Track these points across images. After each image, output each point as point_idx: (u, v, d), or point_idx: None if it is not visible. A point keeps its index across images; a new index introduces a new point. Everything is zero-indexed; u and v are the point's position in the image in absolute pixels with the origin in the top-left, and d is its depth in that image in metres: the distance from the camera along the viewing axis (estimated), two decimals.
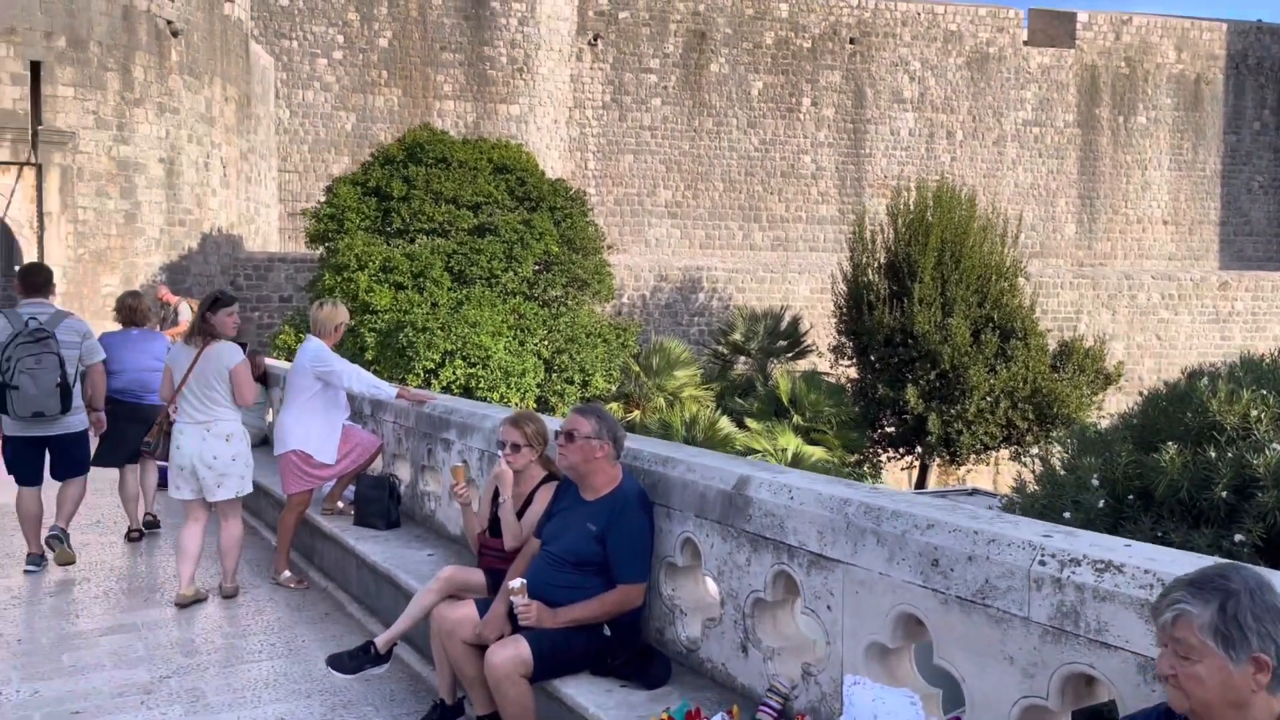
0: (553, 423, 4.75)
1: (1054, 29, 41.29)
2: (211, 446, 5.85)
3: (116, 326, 8.07)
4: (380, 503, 6.35)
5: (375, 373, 19.87)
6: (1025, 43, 40.31)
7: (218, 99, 25.32)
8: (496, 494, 4.61)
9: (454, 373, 18.97)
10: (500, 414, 5.72)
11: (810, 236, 36.79)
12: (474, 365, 19.11)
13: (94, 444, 7.36)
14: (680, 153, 35.52)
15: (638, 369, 23.05)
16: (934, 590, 2.79)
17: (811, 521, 3.23)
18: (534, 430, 4.51)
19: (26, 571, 6.76)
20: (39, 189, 20.75)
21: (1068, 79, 40.26)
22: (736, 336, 26.01)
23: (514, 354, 19.59)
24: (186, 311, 16.66)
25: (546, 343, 20.68)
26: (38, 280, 6.86)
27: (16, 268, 21.87)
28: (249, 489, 6.16)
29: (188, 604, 5.88)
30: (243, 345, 6.23)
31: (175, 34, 23.16)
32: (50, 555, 6.78)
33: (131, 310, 7.94)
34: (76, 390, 6.75)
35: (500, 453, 4.54)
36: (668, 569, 3.99)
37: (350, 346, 19.55)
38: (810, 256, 35.63)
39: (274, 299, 26.94)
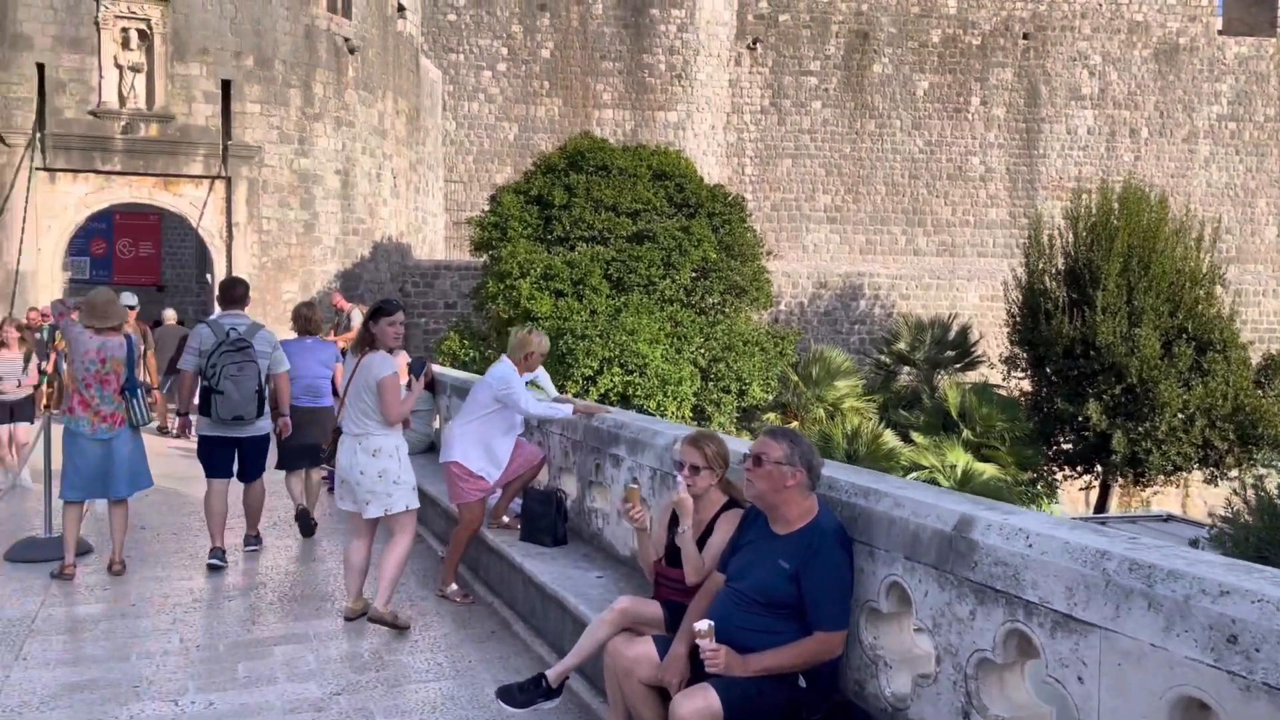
0: (738, 444, 4.39)
1: (1252, 17, 38.05)
2: (359, 461, 5.58)
3: (292, 333, 8.54)
4: (547, 518, 6.15)
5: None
6: (1220, 32, 37.29)
7: (389, 112, 26.27)
8: (674, 519, 4.29)
9: (611, 380, 18.92)
10: (673, 431, 5.40)
11: (978, 241, 35.12)
12: (631, 373, 19.00)
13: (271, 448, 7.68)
14: (840, 156, 34.58)
15: (796, 379, 22.44)
16: (1231, 673, 2.27)
17: (1057, 575, 2.74)
18: (715, 451, 4.16)
19: (210, 566, 7.05)
20: (228, 201, 21.99)
21: (1268, 70, 37.00)
22: (901, 346, 25.00)
23: (671, 362, 19.38)
24: (358, 318, 17.23)
25: (703, 351, 20.38)
26: (236, 294, 7.43)
27: (208, 275, 23.28)
28: (399, 508, 5.64)
29: (355, 618, 5.81)
30: (419, 358, 6.08)
31: (352, 51, 24.15)
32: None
33: (306, 320, 8.47)
34: (266, 396, 7.31)
35: (677, 475, 4.22)
36: (869, 615, 3.56)
37: None
38: (978, 262, 34.01)
39: (439, 305, 27.72)
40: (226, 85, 21.78)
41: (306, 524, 8.20)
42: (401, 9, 27.06)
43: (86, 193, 21.12)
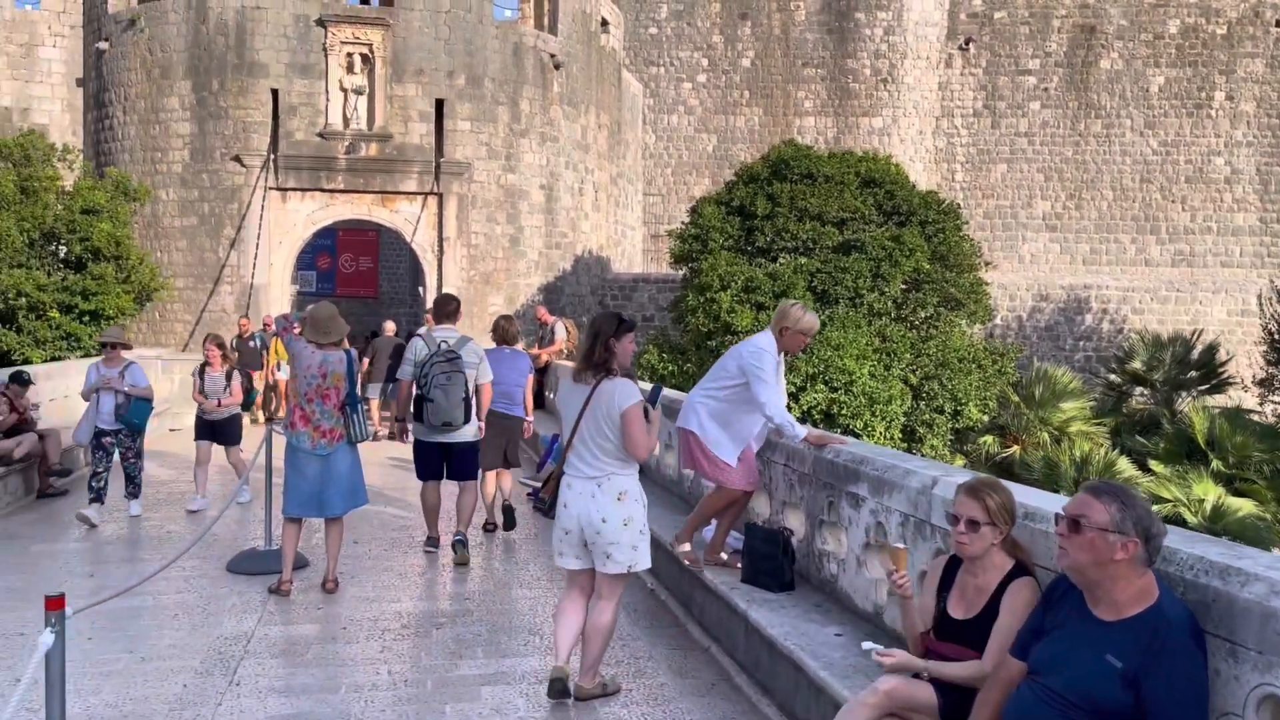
0: (1033, 496, 3.64)
1: None
2: (601, 506, 4.71)
3: (491, 343, 9.10)
4: (774, 559, 5.53)
5: None
6: None
7: (592, 126, 26.48)
8: (944, 581, 3.59)
9: (815, 397, 18.08)
10: (929, 471, 4.67)
11: (1222, 250, 31.77)
12: (836, 390, 18.10)
13: None
14: (1062, 160, 32.18)
15: (1017, 399, 20.80)
16: None
17: None
18: (999, 504, 3.43)
19: (426, 551, 7.96)
20: (439, 216, 22.70)
21: None
22: (1136, 365, 22.76)
23: (879, 379, 18.34)
24: (562, 331, 17.23)
25: (914, 368, 19.20)
26: (448, 310, 8.07)
27: (420, 287, 24.16)
28: (644, 564, 4.85)
29: (561, 685, 4.86)
30: (656, 383, 5.55)
31: (557, 66, 24.47)
32: (452, 556, 7.74)
33: (504, 331, 9.09)
34: (473, 404, 7.81)
35: (951, 530, 3.52)
36: None
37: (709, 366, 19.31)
38: (1223, 273, 30.74)
39: (638, 319, 27.68)
40: (440, 104, 22.50)
41: (510, 518, 8.73)
42: (605, 24, 27.27)
43: (313, 210, 22.32)
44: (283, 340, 7.19)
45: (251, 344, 18.03)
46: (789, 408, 17.69)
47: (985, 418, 19.87)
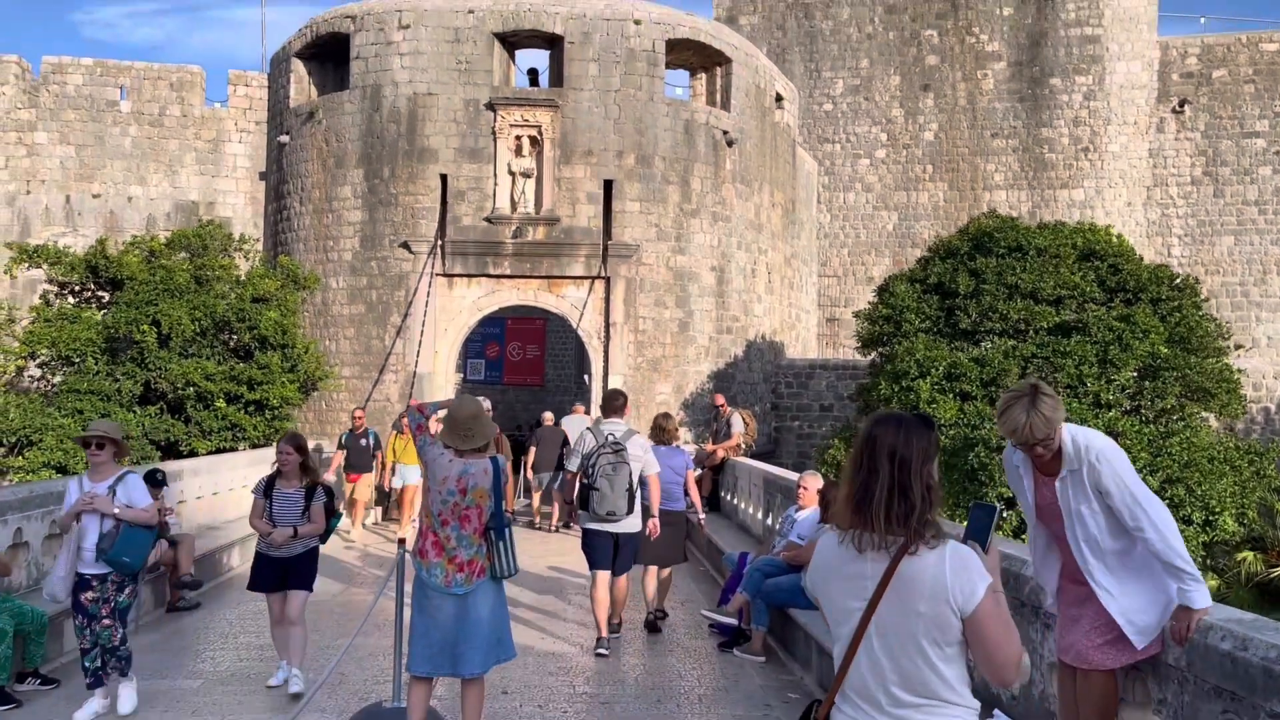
0: None
1: None
2: None
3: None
4: None
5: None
6: None
7: (765, 205, 25.04)
8: None
9: None
10: None
11: None
12: None
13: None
14: None
15: None
16: None
17: None
18: None
19: (597, 655, 7.83)
20: (606, 300, 21.57)
21: None
22: None
23: None
24: (739, 424, 15.47)
25: (1154, 469, 16.32)
26: (615, 404, 8.44)
27: (585, 375, 23.03)
28: None
29: None
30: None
31: (730, 143, 23.26)
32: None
33: (662, 430, 9.37)
34: (638, 495, 8.03)
35: None
36: None
37: None
38: None
39: (814, 408, 25.63)
40: (608, 185, 21.59)
41: (654, 626, 8.78)
42: (779, 99, 26.01)
43: (479, 296, 21.64)
44: (415, 441, 5.66)
45: (363, 441, 15.31)
46: (1005, 518, 15.08)
47: (1243, 530, 16.68)
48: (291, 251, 22.65)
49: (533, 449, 17.13)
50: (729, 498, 14.34)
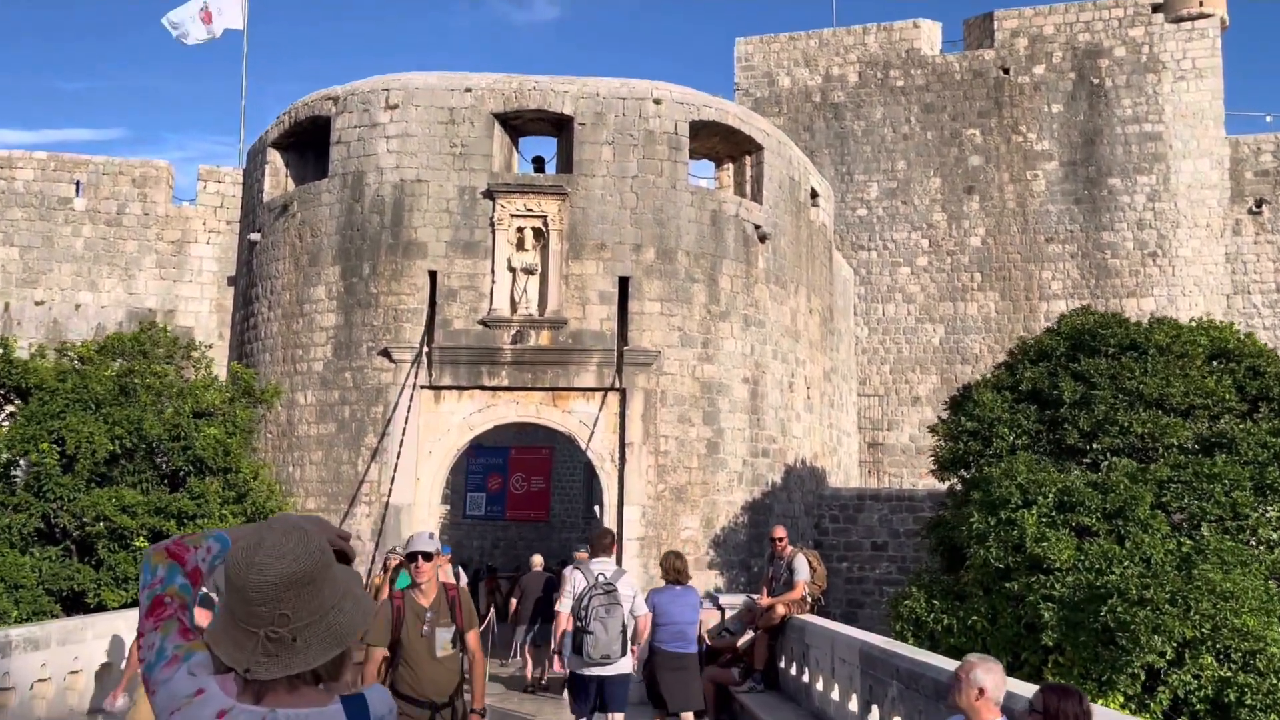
0: None
1: None
2: None
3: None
4: None
5: (1055, 675, 13.18)
6: None
7: (802, 311, 21.89)
8: None
9: (1198, 675, 11.61)
10: None
11: None
12: (1234, 664, 11.59)
13: None
14: None
15: None
16: None
17: None
18: None
19: None
20: (622, 416, 18.15)
21: None
22: None
23: None
24: (804, 568, 11.75)
25: None
26: (604, 543, 8.44)
27: (596, 506, 19.42)
28: None
29: None
30: None
31: (763, 239, 20.28)
32: None
33: (676, 570, 9.09)
34: (629, 636, 7.98)
35: None
36: None
37: (1010, 620, 13.20)
38: None
39: (865, 546, 21.78)
40: (624, 283, 18.51)
41: None
42: (814, 195, 23.23)
43: (471, 412, 18.25)
44: (139, 650, 2.11)
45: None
46: (1153, 693, 11.15)
47: None
48: (257, 364, 19.42)
49: (514, 600, 14.65)
50: (793, 671, 10.51)
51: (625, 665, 7.94)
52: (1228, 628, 11.46)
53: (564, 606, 8.12)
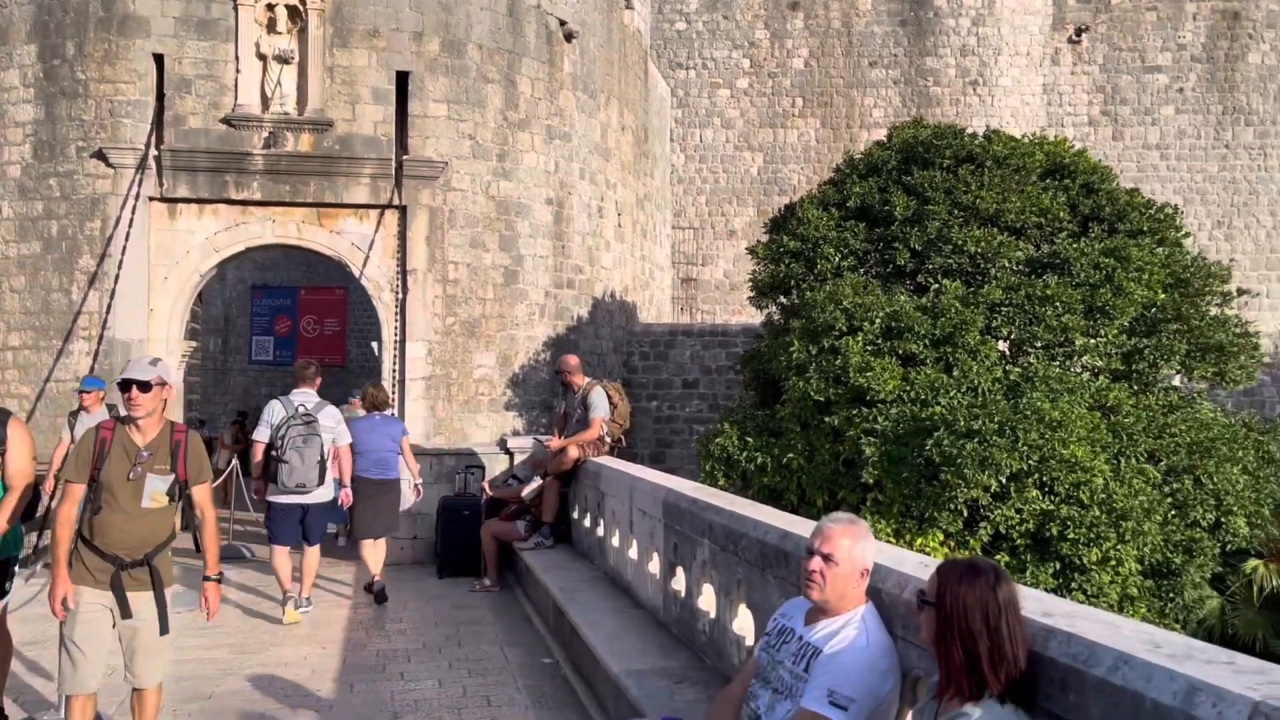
0: None
1: None
2: None
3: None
4: None
5: (873, 513, 12.17)
6: None
7: (614, 126, 19.60)
8: None
9: (1022, 509, 10.81)
10: None
11: None
12: (1057, 498, 10.84)
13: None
14: (1205, 178, 25.46)
15: None
16: None
17: None
18: None
19: (302, 612, 8.26)
20: (402, 239, 15.58)
21: None
22: None
23: (1122, 481, 11.11)
24: (602, 403, 9.94)
25: (1157, 457, 12.01)
26: (307, 373, 8.58)
27: (374, 344, 17.04)
28: None
29: None
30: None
31: (569, 37, 17.65)
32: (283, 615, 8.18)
33: (373, 399, 9.60)
34: (329, 466, 8.30)
35: None
36: None
37: (829, 458, 12.04)
38: None
39: (676, 384, 20.48)
40: (403, 79, 15.55)
41: (382, 595, 8.82)
42: None
43: (216, 231, 15.16)
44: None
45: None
46: (971, 531, 10.31)
47: (1259, 532, 12.63)
48: None
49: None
50: (586, 523, 8.81)
51: (323, 494, 8.20)
52: (1055, 459, 10.61)
53: (261, 436, 8.19)
